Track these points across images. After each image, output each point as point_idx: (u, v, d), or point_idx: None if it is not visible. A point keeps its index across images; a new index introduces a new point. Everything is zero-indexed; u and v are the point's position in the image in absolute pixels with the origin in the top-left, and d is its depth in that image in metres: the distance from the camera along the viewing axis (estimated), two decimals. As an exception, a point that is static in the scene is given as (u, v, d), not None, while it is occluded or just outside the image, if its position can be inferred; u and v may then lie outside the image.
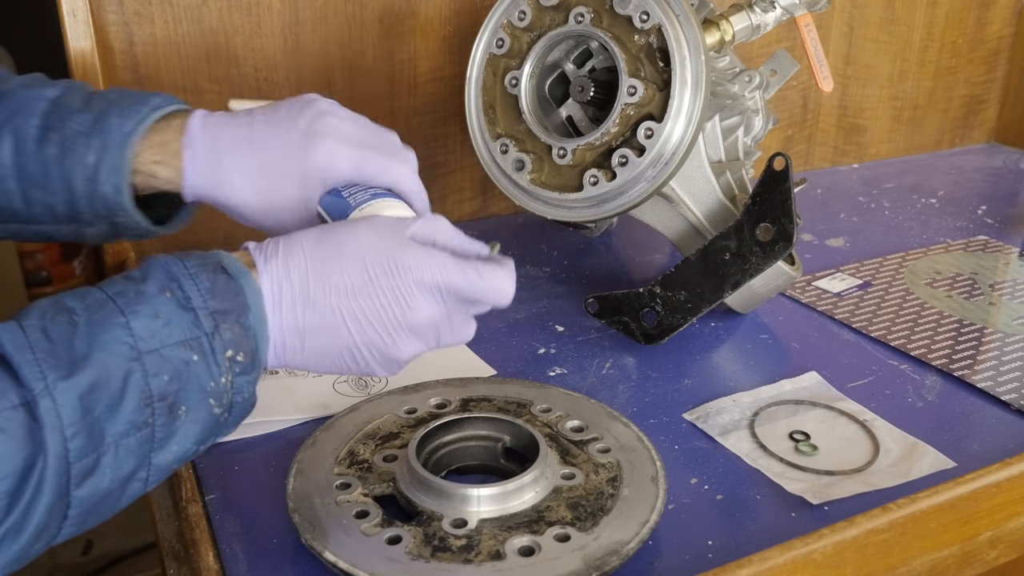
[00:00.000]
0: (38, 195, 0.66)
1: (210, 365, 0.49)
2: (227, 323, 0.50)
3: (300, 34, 1.00)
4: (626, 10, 0.79)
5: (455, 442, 0.67)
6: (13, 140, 0.65)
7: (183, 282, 0.50)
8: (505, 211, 1.20)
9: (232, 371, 0.50)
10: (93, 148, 0.64)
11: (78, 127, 0.65)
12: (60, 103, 0.66)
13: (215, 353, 0.49)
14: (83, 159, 0.64)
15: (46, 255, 2.02)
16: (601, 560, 0.55)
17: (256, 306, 0.52)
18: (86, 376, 0.45)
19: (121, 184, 0.65)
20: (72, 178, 0.65)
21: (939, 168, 1.45)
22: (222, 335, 0.50)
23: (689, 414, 0.74)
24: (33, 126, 0.65)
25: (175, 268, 0.50)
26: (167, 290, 0.49)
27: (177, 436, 0.49)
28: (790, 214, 0.77)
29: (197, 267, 0.51)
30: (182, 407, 0.49)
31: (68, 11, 0.88)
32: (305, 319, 0.54)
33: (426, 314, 0.56)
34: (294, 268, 0.54)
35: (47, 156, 0.65)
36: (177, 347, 0.48)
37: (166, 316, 0.48)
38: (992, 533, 0.64)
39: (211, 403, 0.50)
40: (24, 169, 0.66)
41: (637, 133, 0.79)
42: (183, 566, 0.61)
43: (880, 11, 1.37)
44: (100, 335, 0.47)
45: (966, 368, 0.82)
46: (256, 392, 0.53)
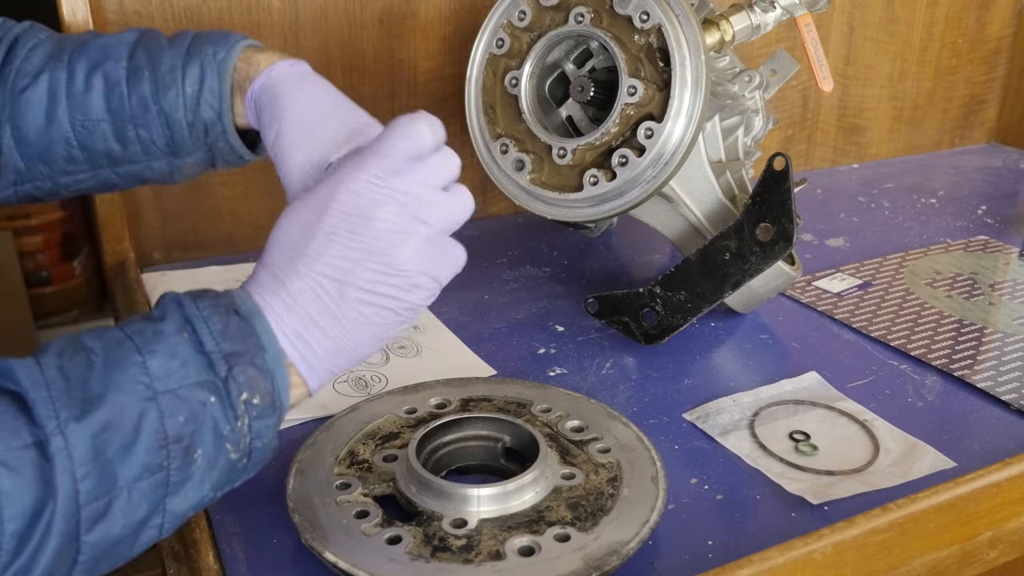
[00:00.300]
0: (136, 133, 0.70)
1: (226, 408, 0.48)
2: (240, 365, 0.49)
3: (300, 34, 1.00)
4: (626, 10, 0.79)
5: (455, 442, 0.67)
6: (104, 84, 0.69)
7: (196, 324, 0.49)
8: (505, 211, 1.20)
9: (249, 415, 0.49)
10: (192, 77, 0.69)
11: (173, 62, 0.69)
12: (142, 44, 0.70)
13: (231, 396, 0.48)
14: (183, 89, 0.69)
15: (46, 255, 2.02)
16: (601, 560, 0.55)
17: (271, 346, 0.50)
18: (100, 415, 0.44)
19: (222, 107, 0.69)
20: (173, 109, 0.69)
21: (939, 168, 1.45)
22: (236, 378, 0.49)
23: (689, 414, 0.74)
24: (122, 67, 0.69)
25: (189, 310, 0.50)
26: (184, 331, 0.49)
27: (192, 481, 0.48)
28: (790, 214, 0.77)
29: (210, 309, 0.50)
30: (198, 450, 0.48)
31: (68, 11, 0.88)
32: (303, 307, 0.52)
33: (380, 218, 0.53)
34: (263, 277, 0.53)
35: (143, 92, 0.69)
36: (194, 388, 0.47)
37: (183, 356, 0.48)
38: (992, 533, 0.64)
39: (228, 448, 0.49)
40: (119, 109, 0.69)
41: (637, 133, 0.79)
42: (183, 566, 0.60)
43: (880, 11, 1.37)
44: (116, 374, 0.46)
45: (966, 368, 0.82)
46: (276, 437, 0.52)
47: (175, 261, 1.02)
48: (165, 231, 1.02)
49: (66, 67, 0.69)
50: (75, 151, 0.70)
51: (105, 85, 0.69)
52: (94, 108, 0.69)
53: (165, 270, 0.99)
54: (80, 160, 0.71)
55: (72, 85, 0.69)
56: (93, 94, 0.69)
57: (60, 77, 0.69)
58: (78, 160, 0.71)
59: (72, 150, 0.70)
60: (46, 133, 0.69)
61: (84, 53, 0.70)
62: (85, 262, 2.12)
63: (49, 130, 0.69)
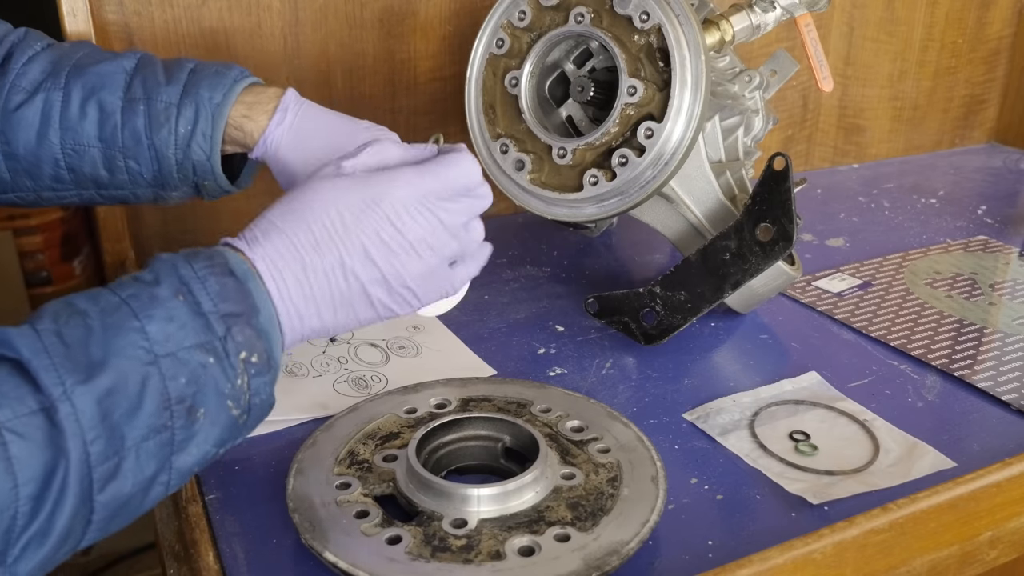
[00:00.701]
0: (125, 163, 0.71)
1: (225, 368, 0.49)
2: (238, 326, 0.50)
3: (300, 34, 1.00)
4: (626, 10, 0.79)
5: (455, 442, 0.67)
6: (99, 113, 0.70)
7: (193, 286, 0.50)
8: (505, 211, 1.20)
9: (247, 372, 0.51)
10: (185, 118, 0.70)
11: (169, 99, 0.70)
12: (140, 75, 0.71)
13: (229, 356, 0.50)
14: (176, 128, 0.70)
15: (46, 255, 2.02)
16: (601, 560, 0.55)
17: (265, 307, 0.52)
18: (104, 380, 0.45)
19: (212, 150, 0.71)
20: (164, 147, 0.70)
21: (939, 168, 1.45)
22: (234, 337, 0.50)
23: (689, 414, 0.74)
24: (118, 98, 0.70)
25: (184, 272, 0.50)
26: (180, 294, 0.49)
27: (197, 439, 0.49)
28: (790, 214, 0.77)
29: (206, 270, 0.51)
30: (200, 409, 0.49)
31: (68, 11, 0.88)
32: (312, 288, 0.55)
33: (418, 228, 0.57)
34: (280, 245, 0.54)
35: (136, 126, 0.70)
36: (193, 350, 0.48)
37: (180, 320, 0.49)
38: (992, 533, 0.64)
39: (229, 405, 0.50)
40: (111, 139, 0.70)
41: (637, 133, 0.79)
42: (183, 566, 0.61)
43: (880, 11, 1.37)
44: (115, 339, 0.47)
45: (966, 368, 0.82)
46: (274, 393, 0.53)
47: (175, 261, 1.02)
48: (165, 231, 1.02)
49: (62, 90, 0.70)
50: (63, 171, 0.71)
51: (100, 114, 0.70)
52: (86, 134, 0.70)
53: (165, 270, 0.99)
54: (67, 180, 0.72)
55: (67, 110, 0.70)
56: (87, 121, 0.70)
57: (55, 99, 0.70)
58: (64, 180, 0.72)
59: (60, 170, 0.71)
60: (36, 152, 0.70)
61: (81, 77, 0.70)
62: (85, 262, 2.11)
63: (39, 149, 0.70)
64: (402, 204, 0.57)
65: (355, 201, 0.56)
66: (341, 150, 0.68)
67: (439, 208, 0.58)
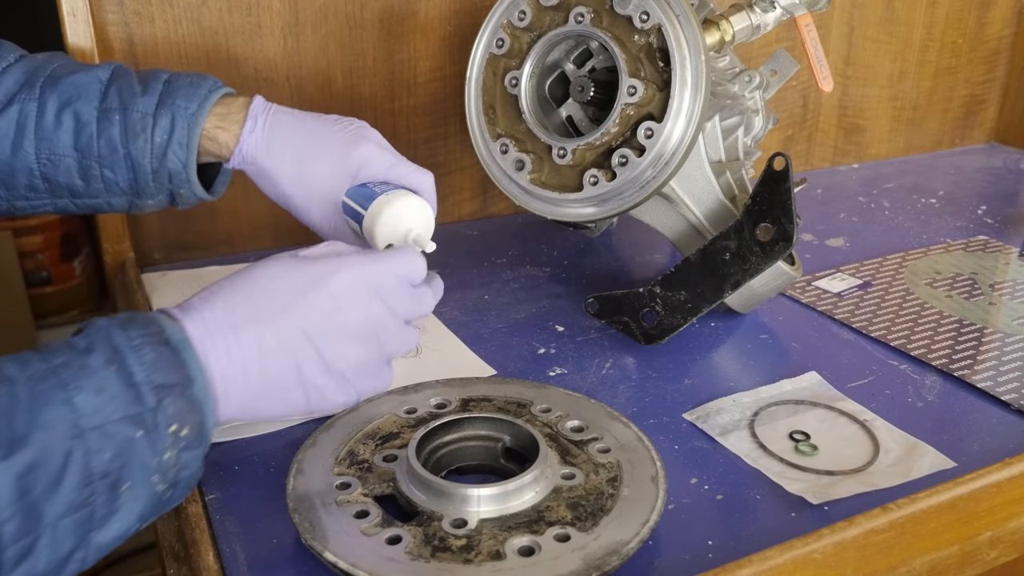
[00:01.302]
0: (100, 172, 0.71)
1: (154, 441, 0.48)
2: (170, 397, 0.49)
3: (300, 34, 1.00)
4: (626, 10, 0.79)
5: (455, 442, 0.67)
6: (74, 122, 0.70)
7: (126, 355, 0.49)
8: (505, 211, 1.20)
9: (177, 446, 0.49)
10: (161, 128, 0.71)
11: (145, 109, 0.71)
12: (115, 85, 0.72)
13: (159, 428, 0.49)
14: (152, 138, 0.71)
15: (46, 255, 2.02)
16: (601, 560, 0.55)
17: (200, 378, 0.51)
18: (25, 455, 0.44)
19: (188, 159, 0.72)
20: (140, 156, 0.71)
21: (939, 168, 1.45)
22: (165, 410, 0.49)
23: (689, 414, 0.74)
24: (93, 108, 0.70)
25: (119, 340, 0.49)
26: (112, 363, 0.48)
27: (119, 514, 0.48)
28: (790, 214, 0.77)
29: (141, 338, 0.50)
30: (125, 484, 0.48)
31: (68, 11, 0.88)
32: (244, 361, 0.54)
33: (358, 314, 0.58)
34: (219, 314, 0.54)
35: (112, 136, 0.70)
36: (121, 423, 0.47)
37: (111, 391, 0.48)
38: (992, 533, 0.64)
39: (154, 480, 0.49)
40: (87, 149, 0.71)
41: (637, 133, 0.79)
42: (183, 566, 0.60)
43: (880, 11, 1.37)
44: (41, 412, 0.45)
45: (966, 368, 0.82)
46: (202, 467, 0.53)
47: (175, 261, 1.02)
48: (165, 231, 1.02)
49: (37, 100, 0.70)
50: (37, 181, 0.71)
51: (75, 124, 0.70)
52: (62, 144, 0.70)
53: (165, 270, 0.99)
54: (41, 189, 0.72)
55: (42, 120, 0.70)
56: (62, 131, 0.70)
57: (30, 110, 0.70)
58: (39, 189, 0.72)
59: (35, 180, 0.71)
60: (10, 162, 0.70)
61: (56, 88, 0.70)
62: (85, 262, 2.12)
63: (13, 159, 0.70)
64: (347, 287, 0.57)
65: (300, 279, 0.56)
66: (314, 149, 0.71)
67: (381, 298, 0.59)
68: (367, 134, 0.74)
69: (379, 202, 0.69)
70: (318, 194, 0.72)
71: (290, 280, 0.56)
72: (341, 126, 0.73)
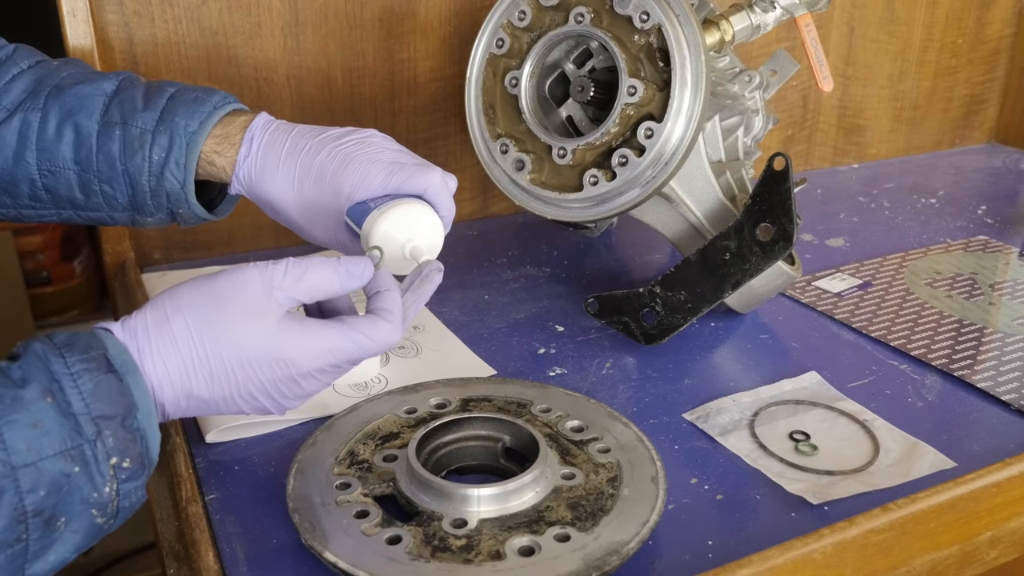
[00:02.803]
0: (100, 187, 0.69)
1: (92, 475, 0.47)
2: (110, 428, 0.47)
3: (300, 34, 1.00)
4: (626, 10, 0.79)
5: (455, 442, 0.67)
6: (75, 135, 0.68)
7: (64, 384, 0.47)
8: (505, 211, 1.20)
9: (117, 479, 0.48)
10: (159, 146, 0.68)
11: (144, 125, 0.68)
12: (118, 98, 0.69)
13: (98, 462, 0.47)
14: (149, 156, 0.68)
15: (46, 255, 2.02)
16: (601, 560, 0.55)
17: (144, 403, 0.49)
18: None
19: (186, 179, 0.69)
20: (138, 173, 0.68)
21: (939, 168, 1.45)
22: (105, 442, 0.47)
23: (689, 414, 0.74)
24: (95, 121, 0.68)
25: (56, 367, 0.47)
26: (48, 394, 0.46)
27: (55, 547, 0.47)
28: (790, 214, 0.77)
29: (80, 366, 0.48)
30: (61, 519, 0.46)
31: (68, 11, 0.88)
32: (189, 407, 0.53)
33: (317, 385, 0.57)
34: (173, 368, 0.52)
35: (111, 151, 0.68)
36: (56, 459, 0.45)
37: (46, 424, 0.45)
38: (992, 533, 0.64)
39: (93, 513, 0.47)
40: (86, 162, 0.69)
41: (637, 133, 0.79)
42: (183, 566, 0.60)
43: (880, 11, 1.37)
44: None
45: (966, 368, 0.82)
46: (145, 493, 0.51)
47: (175, 261, 1.02)
48: (165, 231, 1.02)
49: (40, 110, 0.69)
50: (40, 191, 0.70)
51: (76, 137, 0.68)
52: (62, 156, 0.69)
53: (165, 270, 0.99)
54: (44, 199, 0.71)
55: (43, 131, 0.69)
56: (63, 143, 0.68)
57: (32, 120, 0.69)
58: (42, 199, 0.71)
59: (37, 190, 0.70)
60: (12, 172, 0.69)
61: (60, 99, 0.69)
62: (85, 262, 2.11)
63: (16, 169, 0.69)
64: (310, 369, 0.55)
65: (265, 353, 0.54)
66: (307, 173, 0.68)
67: (338, 371, 0.57)
68: (362, 151, 0.68)
69: (369, 220, 0.64)
70: (318, 216, 0.69)
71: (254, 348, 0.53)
72: (334, 145, 0.68)
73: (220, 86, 0.98)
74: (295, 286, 0.55)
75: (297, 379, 0.55)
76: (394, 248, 0.65)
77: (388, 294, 0.58)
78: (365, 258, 0.59)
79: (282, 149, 0.69)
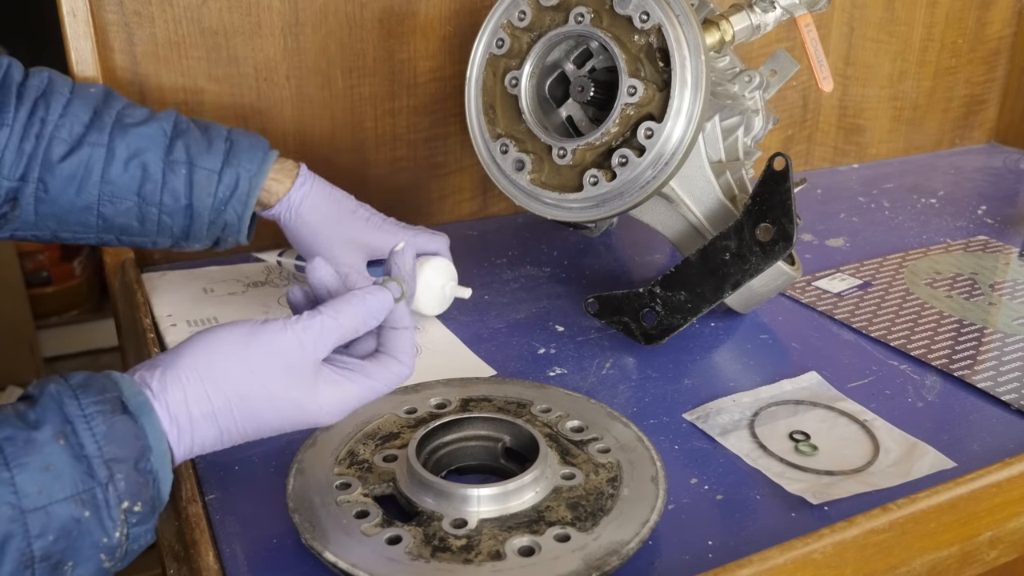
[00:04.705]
0: (159, 217, 0.77)
1: (103, 519, 0.46)
2: (123, 472, 0.47)
3: (300, 34, 1.00)
4: (626, 10, 0.79)
5: (455, 442, 0.67)
6: (141, 173, 0.75)
7: (77, 426, 0.46)
8: (505, 211, 1.20)
9: (128, 523, 0.47)
10: (225, 185, 0.77)
11: (211, 166, 0.77)
12: (181, 139, 0.77)
13: (109, 507, 0.46)
14: (215, 192, 0.77)
15: (46, 255, 2.02)
16: (601, 560, 0.55)
17: (158, 445, 0.49)
18: None
19: (245, 213, 0.79)
20: (201, 208, 0.77)
21: (939, 168, 1.45)
22: (117, 486, 0.47)
23: (689, 414, 0.74)
24: (160, 159, 0.76)
25: (70, 409, 0.47)
26: (61, 436, 0.46)
27: None
28: (790, 214, 0.77)
29: (94, 407, 0.47)
30: (68, 563, 0.46)
31: (68, 11, 0.88)
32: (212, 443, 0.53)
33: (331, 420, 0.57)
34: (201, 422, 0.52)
35: (176, 187, 0.76)
36: (67, 503, 0.45)
37: (57, 468, 0.45)
38: (992, 533, 0.64)
39: (102, 558, 0.47)
40: (150, 197, 0.76)
41: (637, 133, 0.79)
42: (183, 566, 0.60)
43: (880, 11, 1.37)
44: None
45: (966, 368, 0.82)
46: (154, 534, 0.51)
47: (175, 261, 1.02)
48: (165, 231, 1.02)
49: (106, 147, 0.74)
50: (92, 218, 0.75)
51: (143, 173, 0.75)
52: (126, 189, 0.75)
53: (165, 270, 0.99)
54: (93, 226, 0.76)
55: (110, 166, 0.74)
56: (127, 177, 0.74)
57: (99, 155, 0.74)
58: (90, 225, 0.76)
59: (90, 217, 0.75)
60: (72, 200, 0.74)
61: (126, 137, 0.75)
62: (85, 262, 2.11)
63: (76, 199, 0.74)
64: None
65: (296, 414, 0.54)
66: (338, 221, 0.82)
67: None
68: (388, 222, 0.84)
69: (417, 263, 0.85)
70: (340, 247, 0.81)
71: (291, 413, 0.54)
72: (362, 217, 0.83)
73: (220, 86, 0.98)
74: (328, 342, 0.55)
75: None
76: (435, 289, 0.86)
77: (403, 333, 0.59)
78: (384, 290, 0.58)
79: (325, 192, 0.82)
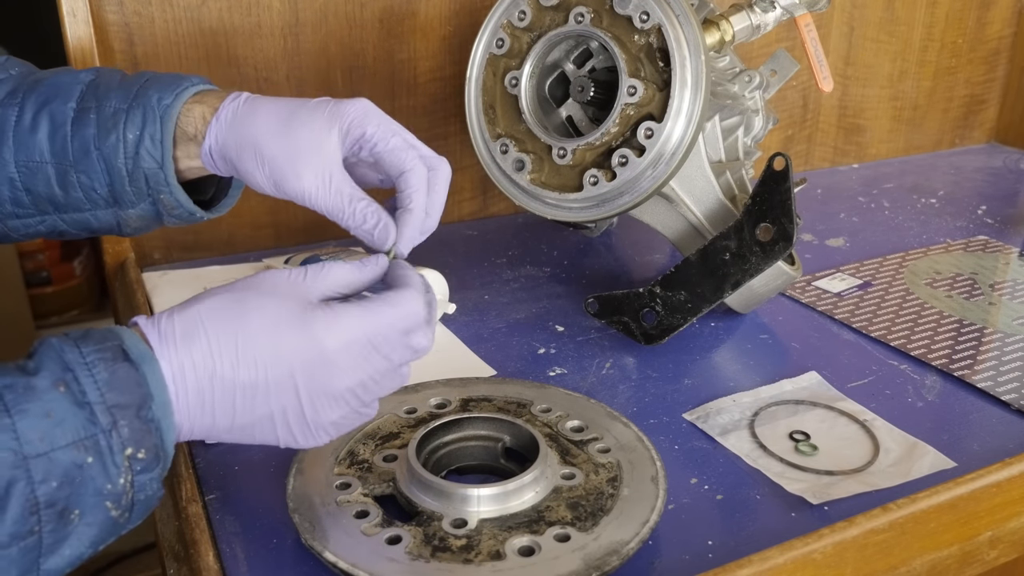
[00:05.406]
0: (77, 178, 0.66)
1: (107, 465, 0.46)
2: (125, 418, 0.46)
3: (300, 34, 1.00)
4: (626, 10, 0.79)
5: (455, 442, 0.67)
6: (49, 124, 0.65)
7: (78, 373, 0.46)
8: (505, 211, 1.20)
9: (132, 470, 0.47)
10: (133, 123, 0.64)
11: (118, 104, 0.65)
12: (95, 84, 0.66)
13: (112, 452, 0.46)
14: (124, 135, 0.64)
15: (46, 255, 2.02)
16: (601, 560, 0.55)
17: (160, 394, 0.48)
18: None
19: (163, 157, 0.65)
20: (113, 156, 0.64)
21: (939, 168, 1.45)
22: (120, 432, 0.46)
23: (689, 414, 0.74)
24: (70, 108, 0.65)
25: (70, 356, 0.46)
26: (61, 383, 0.45)
27: (69, 540, 0.46)
28: (790, 214, 0.77)
29: (95, 355, 0.47)
30: (75, 511, 0.45)
31: (68, 11, 0.88)
32: (214, 396, 0.51)
33: (348, 379, 0.54)
34: (196, 350, 0.50)
35: (86, 136, 0.65)
36: (69, 449, 0.44)
37: (58, 414, 0.45)
38: (992, 533, 0.64)
39: (108, 505, 0.46)
40: (62, 152, 0.65)
41: (637, 133, 0.79)
42: (183, 566, 0.61)
43: (880, 11, 1.37)
44: None
45: (966, 368, 0.82)
46: (162, 487, 0.50)
47: (175, 261, 1.02)
48: (165, 231, 1.02)
49: (17, 105, 0.66)
50: (20, 193, 0.67)
51: (50, 125, 0.65)
52: (38, 149, 0.65)
53: (165, 270, 0.99)
54: (26, 203, 0.68)
55: (20, 124, 0.65)
56: (38, 134, 0.65)
57: (10, 115, 0.66)
58: (24, 203, 0.68)
59: (17, 192, 0.67)
60: None
61: (36, 90, 0.66)
62: (85, 262, 2.12)
63: None
64: (345, 350, 0.53)
65: (292, 338, 0.52)
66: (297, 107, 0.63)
67: (381, 354, 0.55)
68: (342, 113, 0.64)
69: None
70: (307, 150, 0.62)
71: (284, 336, 0.52)
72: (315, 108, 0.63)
73: (220, 86, 0.98)
74: (317, 279, 0.55)
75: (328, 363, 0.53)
76: None
77: (402, 268, 0.58)
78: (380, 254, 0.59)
79: (266, 102, 0.64)
